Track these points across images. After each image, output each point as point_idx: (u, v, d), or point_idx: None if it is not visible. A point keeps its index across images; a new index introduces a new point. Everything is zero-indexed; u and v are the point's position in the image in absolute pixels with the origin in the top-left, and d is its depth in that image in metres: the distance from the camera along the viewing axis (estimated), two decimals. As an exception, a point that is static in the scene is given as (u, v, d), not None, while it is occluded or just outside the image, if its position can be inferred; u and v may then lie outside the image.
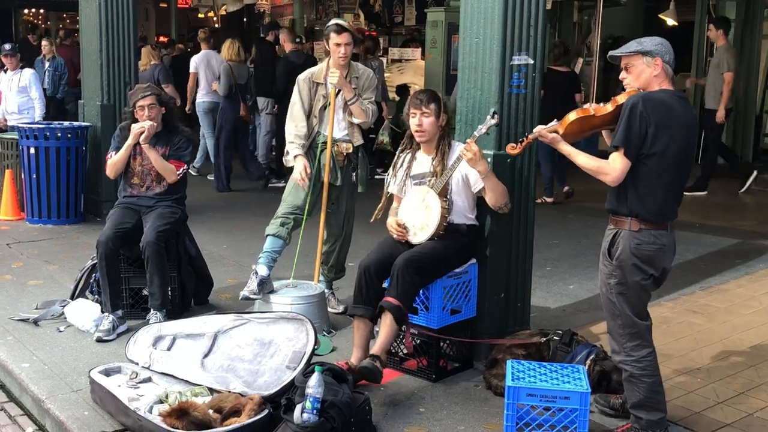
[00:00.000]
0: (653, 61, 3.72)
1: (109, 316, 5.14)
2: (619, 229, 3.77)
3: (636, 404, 3.84)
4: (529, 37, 4.66)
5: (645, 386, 3.80)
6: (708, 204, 9.57)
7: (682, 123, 3.71)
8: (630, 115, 3.63)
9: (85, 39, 8.51)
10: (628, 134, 3.63)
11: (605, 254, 3.84)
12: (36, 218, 8.19)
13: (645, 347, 3.81)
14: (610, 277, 3.81)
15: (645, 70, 3.74)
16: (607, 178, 3.71)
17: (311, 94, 5.50)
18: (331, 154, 5.44)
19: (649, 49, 3.73)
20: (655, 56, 3.72)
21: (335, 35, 5.36)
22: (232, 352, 4.42)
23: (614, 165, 3.68)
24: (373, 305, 4.53)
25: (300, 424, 3.61)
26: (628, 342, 3.81)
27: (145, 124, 5.42)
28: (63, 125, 8.39)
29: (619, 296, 3.80)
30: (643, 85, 3.76)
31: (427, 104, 4.62)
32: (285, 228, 5.39)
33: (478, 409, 4.26)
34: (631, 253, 3.72)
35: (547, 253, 7.18)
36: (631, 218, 3.72)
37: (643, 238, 3.71)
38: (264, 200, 9.21)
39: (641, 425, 3.85)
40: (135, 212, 5.46)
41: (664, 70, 3.74)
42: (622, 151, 3.66)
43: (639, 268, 3.74)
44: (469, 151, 4.35)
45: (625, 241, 3.74)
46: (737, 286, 6.42)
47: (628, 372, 3.83)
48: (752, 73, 12.67)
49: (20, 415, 4.52)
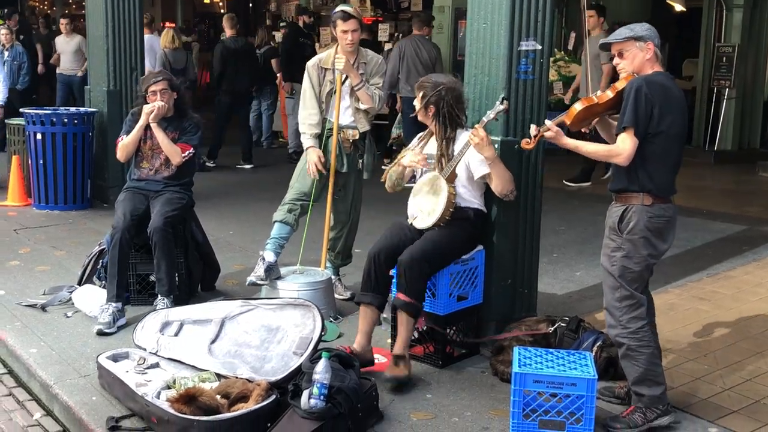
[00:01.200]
0: (645, 46, 3.86)
1: (110, 308, 5.10)
2: (629, 204, 3.86)
3: (637, 380, 3.88)
4: (537, 22, 4.64)
5: (643, 358, 3.85)
6: (716, 190, 9.55)
7: (680, 103, 3.88)
8: (636, 96, 3.74)
9: (91, 25, 8.50)
10: (636, 114, 3.74)
11: (613, 229, 3.91)
12: (43, 204, 8.20)
13: (641, 319, 3.89)
14: (617, 250, 3.88)
15: (638, 55, 3.88)
16: (619, 158, 3.80)
17: (320, 79, 5.50)
18: (337, 140, 5.43)
19: (641, 34, 3.88)
20: (647, 41, 3.87)
21: (342, 22, 5.35)
22: (239, 338, 4.43)
23: (624, 145, 3.78)
24: (381, 293, 4.54)
25: (307, 410, 3.62)
26: (624, 315, 3.88)
27: (156, 104, 5.45)
28: (70, 111, 8.39)
29: (622, 269, 3.87)
30: (637, 69, 3.89)
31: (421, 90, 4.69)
32: (292, 214, 5.39)
33: (485, 395, 4.27)
34: (644, 227, 3.82)
35: (554, 240, 7.18)
36: (642, 193, 3.83)
37: (655, 212, 3.83)
38: (271, 187, 9.21)
39: (644, 403, 3.88)
40: (144, 197, 5.47)
41: (655, 53, 3.88)
42: (631, 131, 3.76)
43: (650, 242, 3.84)
44: (477, 136, 4.34)
45: (638, 215, 3.83)
46: (744, 273, 6.41)
47: (625, 345, 3.88)
48: (760, 59, 12.60)
49: (28, 400, 4.54)
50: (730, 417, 4.06)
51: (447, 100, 4.61)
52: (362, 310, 4.59)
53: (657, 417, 3.89)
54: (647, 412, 3.88)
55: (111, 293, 5.17)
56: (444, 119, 4.62)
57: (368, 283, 4.54)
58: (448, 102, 4.62)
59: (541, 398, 3.73)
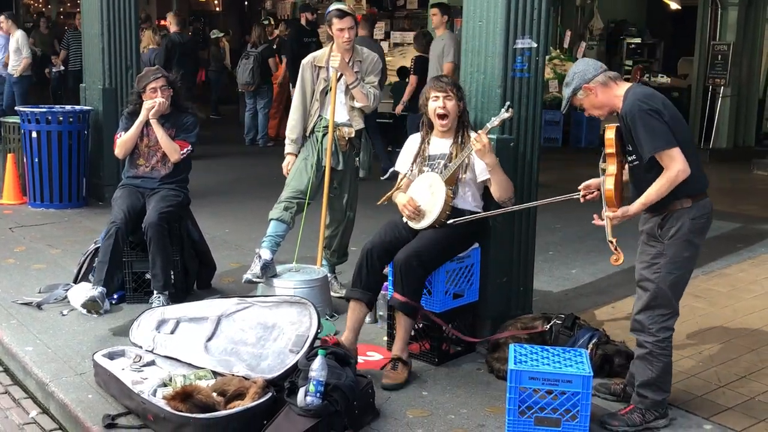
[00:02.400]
0: (590, 86, 3.78)
1: (95, 290, 5.10)
2: (669, 212, 3.78)
3: (645, 383, 3.87)
4: (533, 20, 4.65)
5: (660, 366, 3.84)
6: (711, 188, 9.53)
7: (667, 100, 3.80)
8: (642, 121, 3.62)
9: (87, 23, 8.49)
10: (654, 134, 3.61)
11: (653, 235, 3.83)
12: (38, 202, 8.19)
13: (670, 329, 3.86)
14: (659, 257, 3.81)
15: (593, 99, 3.80)
16: (682, 174, 3.65)
17: (313, 78, 5.51)
18: (333, 138, 5.44)
19: (573, 87, 3.80)
20: (582, 84, 3.78)
21: (337, 20, 5.35)
22: (235, 335, 4.43)
23: (673, 161, 3.63)
24: (372, 290, 4.54)
25: (303, 407, 3.63)
26: (655, 324, 3.83)
27: (157, 100, 5.45)
28: (65, 109, 8.38)
29: (667, 275, 3.80)
30: (606, 103, 3.80)
31: (451, 87, 4.59)
32: (288, 212, 5.40)
33: (481, 392, 4.28)
34: (688, 230, 3.76)
35: (550, 238, 7.19)
36: (679, 200, 3.75)
37: (697, 212, 3.78)
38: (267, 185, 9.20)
39: (645, 405, 3.88)
40: (140, 195, 5.48)
41: (602, 83, 3.78)
42: (666, 149, 3.62)
43: (691, 243, 3.80)
44: (479, 142, 4.33)
45: (681, 220, 3.76)
46: (739, 271, 6.43)
47: (647, 350, 3.85)
48: (755, 57, 12.64)
49: (24, 398, 4.54)
50: (724, 414, 4.07)
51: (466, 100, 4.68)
52: (351, 306, 4.59)
53: (655, 419, 3.89)
54: (646, 413, 3.88)
55: (98, 278, 5.15)
56: (467, 118, 4.64)
57: (359, 279, 4.54)
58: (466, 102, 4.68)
59: (536, 395, 3.73)
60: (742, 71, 12.49)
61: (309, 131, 5.54)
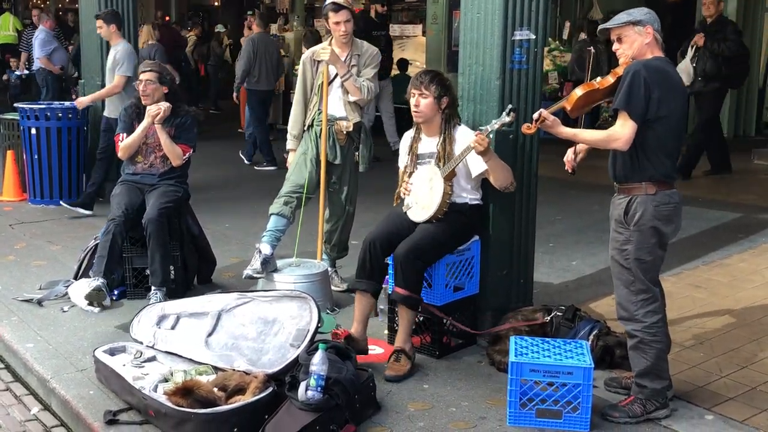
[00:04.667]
0: (644, 30, 3.82)
1: (98, 279, 5.11)
2: (633, 195, 3.83)
3: (642, 372, 3.88)
4: (531, 11, 4.63)
5: (654, 352, 3.84)
6: (711, 178, 9.55)
7: (680, 88, 3.86)
8: (632, 80, 3.71)
9: (85, 19, 8.47)
10: (629, 97, 3.70)
11: (620, 222, 3.88)
12: (38, 199, 8.19)
13: (656, 313, 3.87)
14: (627, 243, 3.85)
15: (637, 39, 3.84)
16: (618, 143, 3.76)
17: (313, 72, 5.50)
18: (329, 132, 5.43)
19: (639, 18, 3.83)
20: (646, 25, 3.82)
21: (333, 14, 5.34)
22: (236, 330, 4.43)
23: (624, 129, 3.74)
24: (376, 280, 4.54)
25: (304, 401, 3.63)
26: (640, 308, 3.85)
27: (162, 105, 5.44)
28: (64, 105, 8.37)
29: (636, 261, 3.83)
30: (637, 54, 3.85)
31: (428, 85, 4.57)
32: (288, 207, 5.39)
33: (482, 385, 4.28)
34: (652, 216, 3.78)
35: (550, 229, 7.18)
36: (645, 183, 3.79)
37: (661, 200, 3.80)
38: (267, 179, 9.21)
39: (645, 394, 3.88)
40: (140, 191, 5.48)
41: (654, 37, 3.84)
42: (625, 115, 3.72)
43: (658, 230, 3.81)
44: (481, 144, 4.31)
45: (643, 206, 3.80)
46: (740, 261, 6.42)
47: (638, 338, 3.86)
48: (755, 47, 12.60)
49: (26, 394, 4.54)
50: (726, 404, 4.07)
51: (455, 95, 4.66)
52: (357, 297, 4.60)
53: (656, 409, 3.89)
54: (647, 403, 3.88)
55: (98, 270, 5.16)
56: (453, 112, 4.64)
57: (363, 270, 4.55)
58: (455, 96, 4.66)
59: (537, 387, 3.74)
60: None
61: (307, 125, 5.53)
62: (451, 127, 4.64)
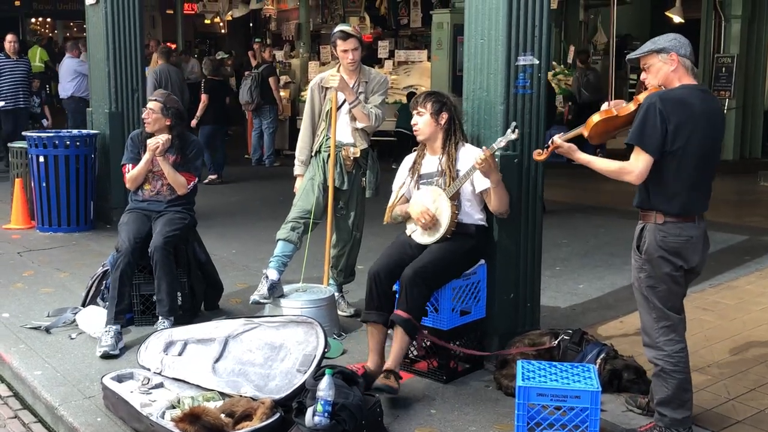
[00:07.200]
0: (668, 57, 3.77)
1: (111, 331, 5.09)
2: (646, 223, 3.82)
3: (663, 401, 3.84)
4: (534, 37, 4.66)
5: (675, 382, 3.80)
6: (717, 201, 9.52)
7: (704, 117, 3.72)
8: (645, 114, 3.67)
9: (93, 47, 8.55)
10: (643, 131, 3.67)
11: (634, 248, 3.87)
12: (46, 226, 8.23)
13: (678, 342, 3.83)
14: (640, 270, 3.84)
15: (662, 68, 3.79)
16: (630, 176, 3.73)
17: (321, 98, 5.55)
18: (336, 157, 5.46)
19: (663, 46, 3.79)
20: (670, 52, 3.77)
21: (341, 42, 5.39)
22: (243, 356, 4.44)
23: (637, 163, 3.71)
24: (386, 310, 4.52)
25: (311, 427, 3.63)
26: (661, 336, 3.82)
27: (160, 139, 5.48)
28: (72, 133, 8.43)
29: (649, 290, 3.82)
30: (663, 82, 3.80)
31: (423, 103, 4.66)
32: (296, 232, 5.41)
33: (489, 409, 4.27)
34: (657, 246, 3.75)
35: (556, 253, 7.18)
36: (655, 212, 3.77)
37: (669, 231, 3.75)
38: (273, 205, 9.24)
39: (665, 423, 3.84)
40: (147, 218, 5.50)
41: (681, 63, 3.78)
42: (639, 149, 3.69)
43: (666, 260, 3.76)
44: (486, 162, 4.33)
45: (651, 235, 3.78)
46: (747, 283, 6.41)
47: (659, 367, 3.83)
48: (759, 69, 12.66)
49: (34, 422, 4.54)
50: (734, 427, 4.05)
51: (457, 112, 4.69)
52: (369, 329, 4.59)
53: None
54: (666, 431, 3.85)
55: (110, 316, 5.16)
56: (455, 129, 4.66)
57: (371, 302, 4.54)
58: (458, 113, 4.70)
59: (545, 411, 3.73)
60: (747, 83, 12.51)
61: (315, 151, 5.56)
62: (453, 143, 4.66)
